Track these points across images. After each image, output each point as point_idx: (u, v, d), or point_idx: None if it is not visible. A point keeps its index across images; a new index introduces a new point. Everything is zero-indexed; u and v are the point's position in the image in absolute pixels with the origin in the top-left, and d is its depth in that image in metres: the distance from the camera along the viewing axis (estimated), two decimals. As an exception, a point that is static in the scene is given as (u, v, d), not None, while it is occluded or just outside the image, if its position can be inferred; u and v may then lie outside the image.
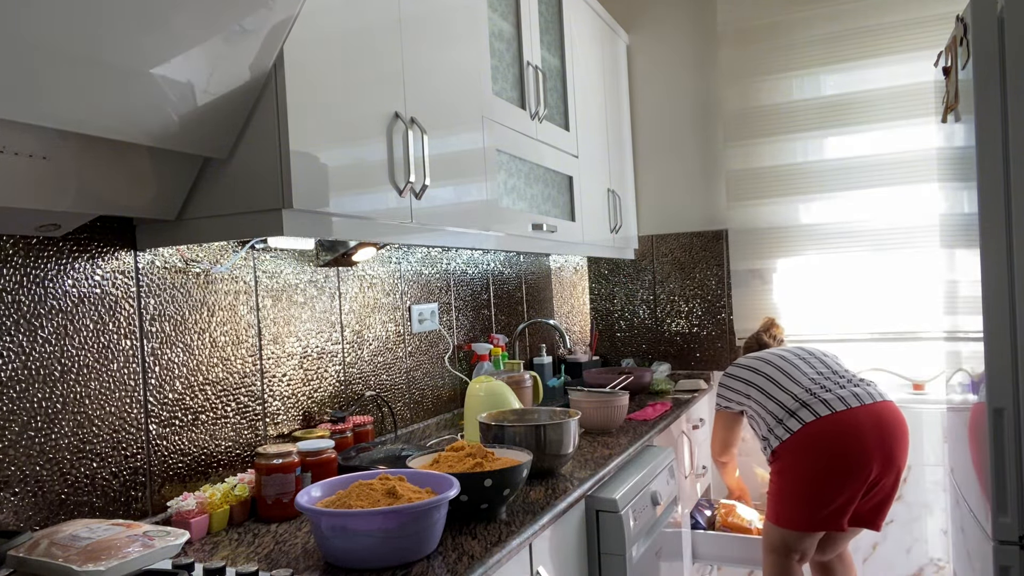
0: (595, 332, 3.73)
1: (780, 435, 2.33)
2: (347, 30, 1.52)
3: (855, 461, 2.22)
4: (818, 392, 2.33)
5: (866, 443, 2.22)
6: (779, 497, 2.35)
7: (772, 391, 2.43)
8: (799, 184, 3.22)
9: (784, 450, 2.33)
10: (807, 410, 2.30)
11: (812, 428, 2.27)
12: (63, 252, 1.39)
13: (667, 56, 3.55)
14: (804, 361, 2.48)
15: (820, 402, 2.30)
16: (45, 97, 1.02)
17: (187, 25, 1.11)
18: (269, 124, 1.34)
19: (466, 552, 1.36)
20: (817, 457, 2.25)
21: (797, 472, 2.29)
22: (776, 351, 2.58)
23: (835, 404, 2.28)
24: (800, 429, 2.29)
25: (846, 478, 2.23)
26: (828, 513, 2.26)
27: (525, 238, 2.35)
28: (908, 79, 3.02)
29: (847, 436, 2.23)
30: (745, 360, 2.60)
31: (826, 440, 2.25)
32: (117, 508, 1.46)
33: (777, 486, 2.36)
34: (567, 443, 1.88)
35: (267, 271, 1.83)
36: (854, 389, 2.33)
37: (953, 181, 2.18)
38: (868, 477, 2.24)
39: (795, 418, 2.31)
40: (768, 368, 2.49)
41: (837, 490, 2.24)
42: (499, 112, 2.19)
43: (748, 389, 2.50)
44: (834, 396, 2.30)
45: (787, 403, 2.36)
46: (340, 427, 1.90)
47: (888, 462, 2.26)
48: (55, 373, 1.36)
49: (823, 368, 2.45)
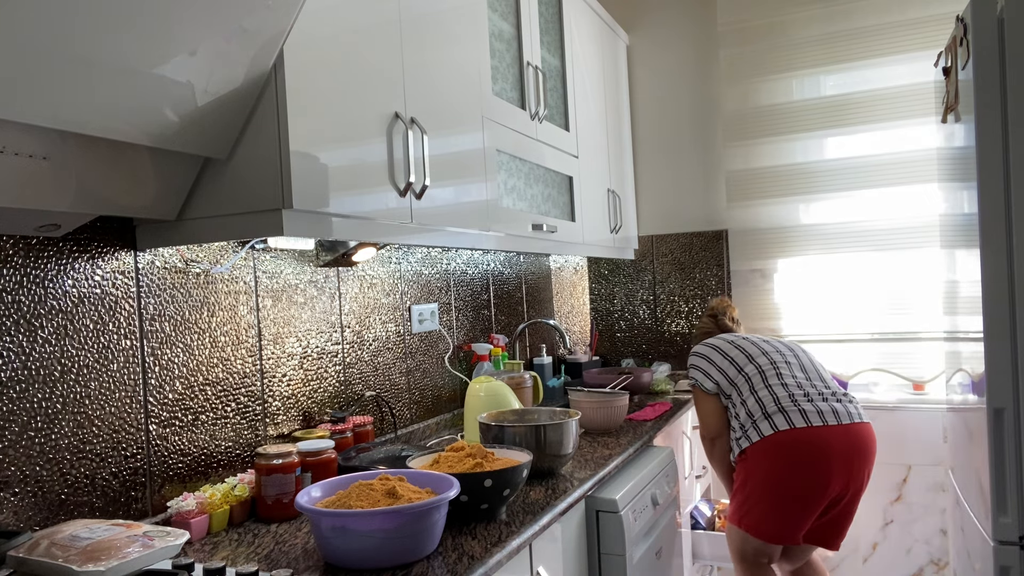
0: (595, 332, 3.73)
1: (751, 436, 2.29)
2: (347, 30, 1.52)
3: (817, 479, 2.21)
4: (800, 400, 2.28)
5: (832, 463, 2.20)
6: (742, 500, 2.34)
7: (758, 387, 2.35)
8: (799, 184, 3.22)
9: (754, 451, 2.29)
10: (783, 416, 2.26)
11: (784, 437, 2.23)
12: (63, 252, 1.39)
13: (667, 56, 3.55)
14: (795, 361, 2.43)
15: (799, 412, 2.25)
16: (45, 97, 1.02)
17: (187, 25, 1.11)
18: (269, 124, 1.34)
19: (466, 552, 1.36)
20: (782, 467, 2.23)
21: (760, 478, 2.27)
22: (771, 344, 2.49)
23: (812, 418, 2.24)
24: (772, 435, 2.25)
25: (807, 493, 2.22)
26: (785, 525, 2.26)
27: (525, 238, 2.35)
28: (908, 79, 3.02)
29: (816, 453, 2.21)
30: (739, 343, 2.49)
31: (795, 453, 2.22)
32: (117, 508, 1.46)
33: (740, 487, 2.35)
34: (567, 443, 1.88)
35: (267, 271, 1.83)
36: (835, 404, 2.29)
37: (953, 181, 2.18)
38: (828, 496, 2.24)
39: (769, 422, 2.27)
40: (763, 360, 2.41)
41: (796, 503, 2.23)
42: (499, 112, 2.19)
43: (739, 377, 2.41)
44: (814, 409, 2.26)
45: (767, 405, 2.30)
46: (340, 427, 1.90)
47: (849, 483, 2.25)
48: (55, 373, 1.36)
49: (812, 373, 2.40)
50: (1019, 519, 1.70)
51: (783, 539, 2.27)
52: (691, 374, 2.52)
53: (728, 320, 2.71)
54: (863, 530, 3.10)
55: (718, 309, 2.76)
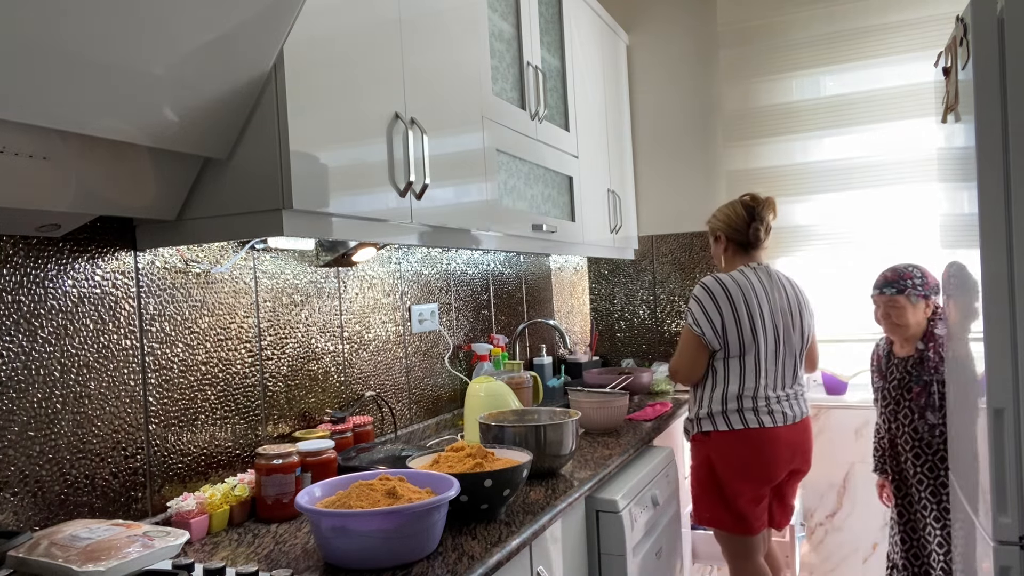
0: (595, 332, 3.73)
1: (719, 424, 2.30)
2: (347, 30, 1.52)
3: (768, 473, 2.30)
4: (771, 400, 2.31)
5: (779, 460, 2.30)
6: (697, 495, 2.41)
7: (748, 369, 2.28)
8: (799, 184, 3.22)
9: (721, 440, 2.30)
10: (753, 414, 2.28)
11: (753, 435, 2.28)
12: (63, 252, 1.39)
13: (667, 56, 3.55)
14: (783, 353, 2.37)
15: (767, 413, 2.29)
16: (45, 97, 1.02)
17: (187, 25, 1.11)
18: (269, 124, 1.34)
19: (466, 552, 1.36)
20: (748, 467, 2.29)
21: (722, 473, 2.32)
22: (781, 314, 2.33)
23: (778, 418, 2.30)
24: (742, 430, 2.28)
25: (759, 486, 2.31)
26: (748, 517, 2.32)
27: (525, 238, 2.35)
28: (908, 79, 3.02)
29: (772, 450, 2.29)
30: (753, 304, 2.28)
31: (755, 451, 2.28)
32: (117, 508, 1.46)
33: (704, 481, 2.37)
34: (567, 443, 1.88)
35: (267, 271, 1.83)
36: (792, 403, 2.36)
37: (953, 181, 2.18)
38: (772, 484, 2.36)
39: (740, 415, 2.29)
40: (762, 340, 2.28)
41: (761, 496, 2.32)
42: (499, 112, 2.19)
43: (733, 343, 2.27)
44: (780, 410, 2.31)
45: (747, 392, 2.28)
46: (340, 427, 1.90)
47: (793, 472, 2.39)
48: (55, 373, 1.36)
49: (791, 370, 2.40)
50: (1019, 519, 1.69)
51: (747, 527, 2.33)
52: (690, 306, 2.32)
53: (762, 230, 2.40)
54: (863, 530, 3.10)
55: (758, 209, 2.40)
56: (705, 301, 2.29)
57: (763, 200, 2.42)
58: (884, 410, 2.54)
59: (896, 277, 2.44)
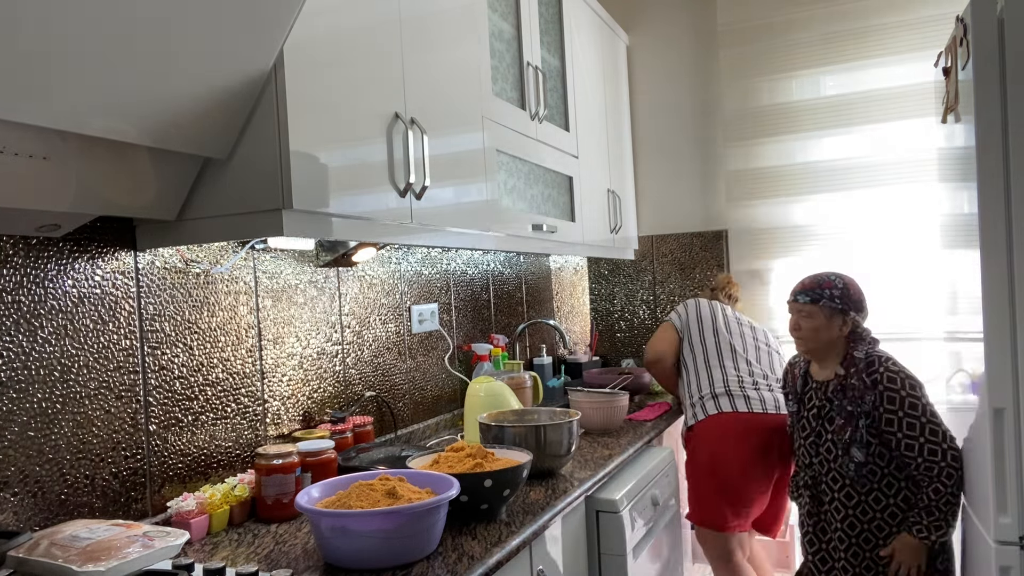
0: (595, 332, 3.73)
1: (697, 413, 2.41)
2: (347, 30, 1.52)
3: (762, 461, 2.32)
4: (746, 385, 2.40)
5: (771, 448, 2.32)
6: (695, 493, 2.42)
7: (712, 360, 2.49)
8: (799, 184, 3.22)
9: (700, 429, 2.39)
10: (728, 399, 2.37)
11: (727, 419, 2.34)
12: (63, 252, 1.38)
13: (667, 56, 3.55)
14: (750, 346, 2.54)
15: (743, 398, 2.37)
16: (45, 97, 1.02)
17: (187, 26, 1.11)
18: (269, 124, 1.34)
19: (466, 553, 1.36)
20: (727, 450, 2.32)
21: (703, 460, 2.36)
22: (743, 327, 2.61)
23: (755, 405, 2.36)
24: (716, 415, 2.36)
25: (752, 477, 2.31)
26: (739, 512, 2.33)
27: (525, 238, 2.35)
28: (908, 79, 3.02)
29: (759, 437, 2.31)
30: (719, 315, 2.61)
31: (739, 436, 2.32)
32: (117, 508, 1.46)
33: (691, 476, 2.43)
34: (567, 443, 1.88)
35: (267, 271, 1.83)
36: (769, 394, 2.41)
37: (953, 181, 2.18)
38: (771, 480, 2.35)
39: (715, 401, 2.38)
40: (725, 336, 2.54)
41: (744, 489, 2.33)
42: (499, 112, 2.19)
43: (702, 334, 2.55)
44: (758, 397, 2.38)
45: (717, 382, 2.43)
46: (340, 427, 1.90)
47: (785, 470, 2.38)
48: (55, 373, 1.36)
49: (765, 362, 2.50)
50: (1019, 519, 1.69)
51: (738, 524, 2.34)
52: (670, 313, 2.71)
53: (724, 296, 2.81)
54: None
55: (719, 285, 2.86)
56: (680, 306, 2.69)
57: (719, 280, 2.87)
58: (804, 441, 2.15)
59: (814, 285, 2.13)
